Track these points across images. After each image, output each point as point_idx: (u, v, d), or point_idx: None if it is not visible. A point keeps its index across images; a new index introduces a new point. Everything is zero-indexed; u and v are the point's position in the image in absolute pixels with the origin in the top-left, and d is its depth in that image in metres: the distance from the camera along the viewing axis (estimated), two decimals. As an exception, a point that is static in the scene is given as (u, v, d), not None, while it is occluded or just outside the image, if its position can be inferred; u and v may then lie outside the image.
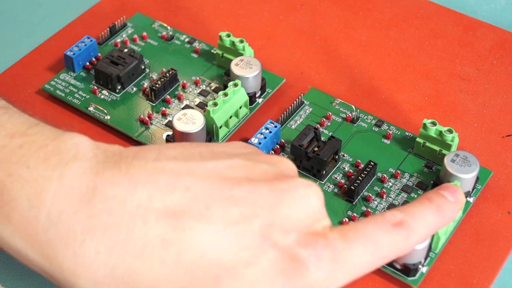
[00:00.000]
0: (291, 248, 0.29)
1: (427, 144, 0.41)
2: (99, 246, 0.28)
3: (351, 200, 0.40)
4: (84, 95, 0.45)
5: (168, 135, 0.42)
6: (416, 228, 0.32)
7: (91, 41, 0.47)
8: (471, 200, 0.40)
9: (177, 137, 0.41)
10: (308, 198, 0.30)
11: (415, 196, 0.40)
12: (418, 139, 0.42)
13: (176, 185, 0.29)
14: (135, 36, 0.49)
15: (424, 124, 0.41)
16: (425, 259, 0.37)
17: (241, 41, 0.46)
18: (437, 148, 0.41)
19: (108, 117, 0.44)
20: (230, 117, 0.43)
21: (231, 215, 0.29)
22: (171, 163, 0.30)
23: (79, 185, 0.29)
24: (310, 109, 0.45)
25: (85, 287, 0.28)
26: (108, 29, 0.49)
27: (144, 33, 0.49)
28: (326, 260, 0.29)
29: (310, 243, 0.29)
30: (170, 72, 0.46)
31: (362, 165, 0.42)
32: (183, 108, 0.45)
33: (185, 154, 0.31)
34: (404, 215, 0.32)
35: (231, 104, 0.43)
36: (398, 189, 0.41)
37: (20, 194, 0.29)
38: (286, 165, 0.32)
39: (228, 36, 0.46)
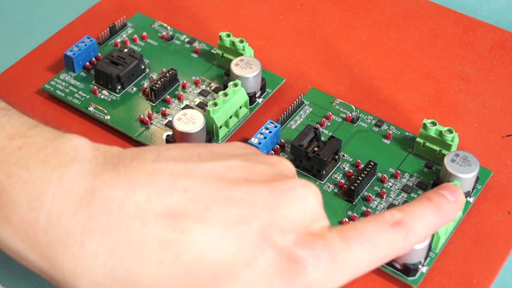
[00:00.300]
0: (289, 249, 0.29)
1: (427, 144, 0.41)
2: (98, 247, 0.28)
3: (351, 200, 0.40)
4: (84, 95, 0.45)
5: (168, 135, 0.42)
6: (415, 227, 0.32)
7: (91, 41, 0.47)
8: (471, 200, 0.40)
9: (177, 137, 0.41)
10: (306, 199, 0.30)
11: (415, 196, 0.40)
12: (418, 139, 0.42)
13: (175, 187, 0.29)
14: (135, 36, 0.49)
15: (424, 124, 0.41)
16: (425, 259, 0.37)
17: (241, 41, 0.46)
18: (437, 148, 0.41)
19: (108, 117, 0.44)
20: (230, 117, 0.43)
21: (229, 216, 0.29)
22: (170, 164, 0.30)
23: (78, 187, 0.29)
24: (310, 109, 0.45)
25: None
26: (108, 29, 0.49)
27: (144, 33, 0.49)
28: (324, 260, 0.29)
29: (308, 243, 0.29)
30: (170, 72, 0.46)
31: (362, 165, 0.42)
32: (183, 108, 0.45)
33: (184, 155, 0.31)
34: (403, 214, 0.32)
35: (231, 104, 0.43)
36: (398, 189, 0.41)
37: (19, 196, 0.29)
38: (285, 165, 0.32)
39: (228, 36, 0.46)
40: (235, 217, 0.29)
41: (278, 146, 0.43)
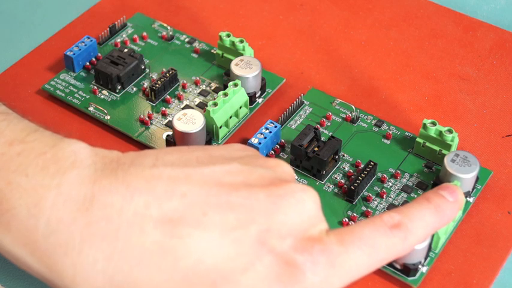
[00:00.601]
0: (287, 254, 0.29)
1: (427, 144, 0.41)
2: (97, 254, 0.28)
3: (351, 200, 0.40)
4: (84, 95, 0.45)
5: (168, 135, 0.42)
6: (414, 229, 0.32)
7: (91, 41, 0.47)
8: (471, 200, 0.40)
9: (177, 137, 0.41)
10: (304, 203, 0.30)
11: (415, 196, 0.40)
12: (418, 139, 0.42)
13: (173, 192, 0.29)
14: (135, 36, 0.49)
15: (424, 124, 0.41)
16: (425, 259, 0.37)
17: (241, 41, 0.46)
18: (437, 148, 0.41)
19: (108, 117, 0.44)
20: (230, 117, 0.43)
21: (227, 221, 0.29)
22: (168, 169, 0.30)
23: (77, 194, 0.29)
24: (310, 109, 0.45)
25: None
26: (108, 29, 0.49)
27: (144, 33, 0.49)
28: (322, 264, 0.29)
29: (306, 248, 0.29)
30: (170, 72, 0.46)
31: (362, 165, 0.42)
32: (183, 108, 0.45)
33: (182, 159, 0.31)
34: (402, 216, 0.32)
35: (231, 104, 0.43)
36: (398, 189, 0.41)
37: (19, 203, 0.29)
38: (283, 169, 0.32)
39: (228, 36, 0.46)
40: (233, 222, 0.29)
41: (278, 146, 0.43)
